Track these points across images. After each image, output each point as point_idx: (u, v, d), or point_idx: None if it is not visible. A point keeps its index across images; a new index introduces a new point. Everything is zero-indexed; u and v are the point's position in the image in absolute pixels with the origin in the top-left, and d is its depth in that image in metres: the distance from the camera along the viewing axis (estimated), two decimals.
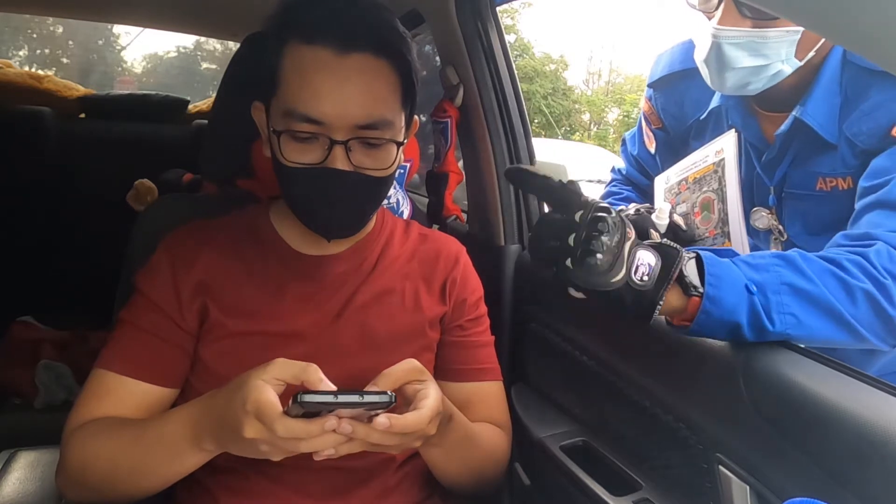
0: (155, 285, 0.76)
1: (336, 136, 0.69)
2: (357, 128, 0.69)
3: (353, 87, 0.68)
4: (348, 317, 0.79)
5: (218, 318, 0.75)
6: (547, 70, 20.13)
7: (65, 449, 0.70)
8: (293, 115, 0.68)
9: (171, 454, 0.65)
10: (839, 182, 0.89)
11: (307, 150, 0.70)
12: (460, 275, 0.87)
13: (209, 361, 0.75)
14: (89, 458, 0.68)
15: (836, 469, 0.59)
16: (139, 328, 0.74)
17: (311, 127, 0.68)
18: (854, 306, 0.70)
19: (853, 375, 0.64)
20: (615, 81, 26.07)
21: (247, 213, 0.85)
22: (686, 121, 1.08)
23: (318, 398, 0.54)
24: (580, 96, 23.29)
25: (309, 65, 0.68)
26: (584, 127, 23.51)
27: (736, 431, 0.70)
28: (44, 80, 2.20)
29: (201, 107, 2.50)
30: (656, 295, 0.65)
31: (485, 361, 0.88)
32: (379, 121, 0.70)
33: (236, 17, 1.84)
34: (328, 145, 0.69)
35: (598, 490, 0.82)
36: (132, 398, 0.72)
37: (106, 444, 0.68)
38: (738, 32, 0.83)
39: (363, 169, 0.71)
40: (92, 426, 0.70)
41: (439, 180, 1.31)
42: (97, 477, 0.68)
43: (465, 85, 1.21)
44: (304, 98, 0.68)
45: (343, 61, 0.68)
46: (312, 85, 0.68)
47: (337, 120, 0.68)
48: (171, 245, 0.79)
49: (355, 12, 0.70)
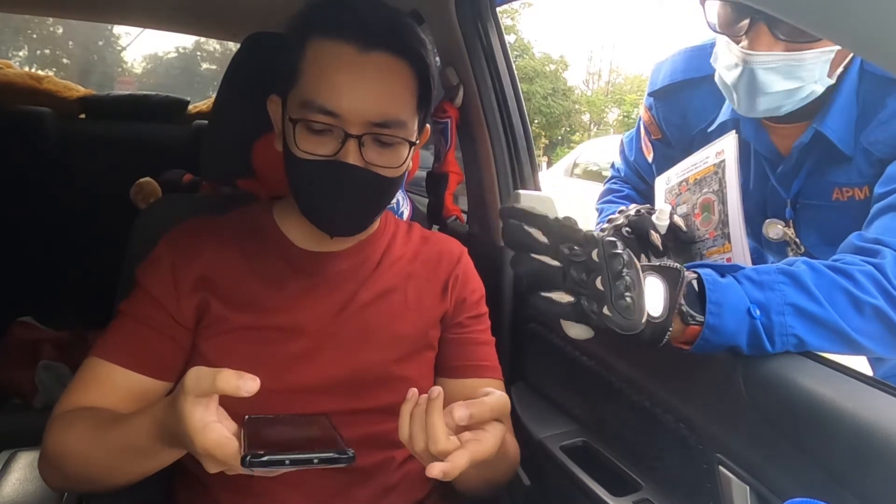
0: (154, 279, 0.76)
1: (350, 130, 0.70)
2: (371, 124, 0.71)
3: (370, 84, 0.70)
4: (350, 314, 0.80)
5: (219, 312, 0.76)
6: (547, 70, 20.14)
7: (46, 435, 0.70)
8: (311, 106, 0.70)
9: (141, 454, 0.64)
10: (855, 192, 0.88)
11: (321, 142, 0.71)
12: (462, 274, 0.88)
13: (210, 355, 0.76)
14: (66, 446, 0.68)
15: (836, 469, 0.59)
16: (136, 320, 0.75)
17: (327, 119, 0.70)
18: (863, 321, 0.68)
19: (853, 376, 0.65)
20: (615, 81, 26.06)
21: (250, 210, 0.86)
22: (690, 131, 1.06)
23: (267, 460, 0.51)
24: (580, 97, 23.29)
25: (330, 59, 0.70)
26: (584, 127, 23.52)
27: (736, 431, 0.70)
28: (44, 81, 2.20)
29: (201, 107, 2.50)
30: (668, 323, 0.64)
31: (484, 359, 0.88)
32: (393, 119, 0.72)
33: (236, 17, 1.84)
34: (342, 138, 0.70)
35: (598, 490, 0.83)
36: (122, 388, 0.72)
37: (81, 433, 0.67)
38: (773, 57, 0.80)
39: (374, 166, 0.72)
40: (71, 416, 0.70)
41: (439, 180, 1.31)
42: (72, 466, 0.68)
43: (465, 85, 1.21)
44: (323, 90, 0.70)
45: (364, 58, 0.70)
46: (332, 78, 0.70)
47: (352, 114, 0.69)
48: (172, 240, 0.80)
49: (379, 14, 0.73)
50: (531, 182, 1.20)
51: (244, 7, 1.68)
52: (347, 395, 0.78)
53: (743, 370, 0.69)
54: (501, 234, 0.66)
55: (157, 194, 1.89)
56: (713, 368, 0.73)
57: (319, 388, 0.77)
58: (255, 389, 0.52)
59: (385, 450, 0.79)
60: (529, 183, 1.20)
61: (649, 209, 0.92)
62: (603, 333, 0.65)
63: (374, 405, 0.79)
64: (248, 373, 0.55)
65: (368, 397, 0.79)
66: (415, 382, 0.81)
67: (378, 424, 0.79)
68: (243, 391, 0.51)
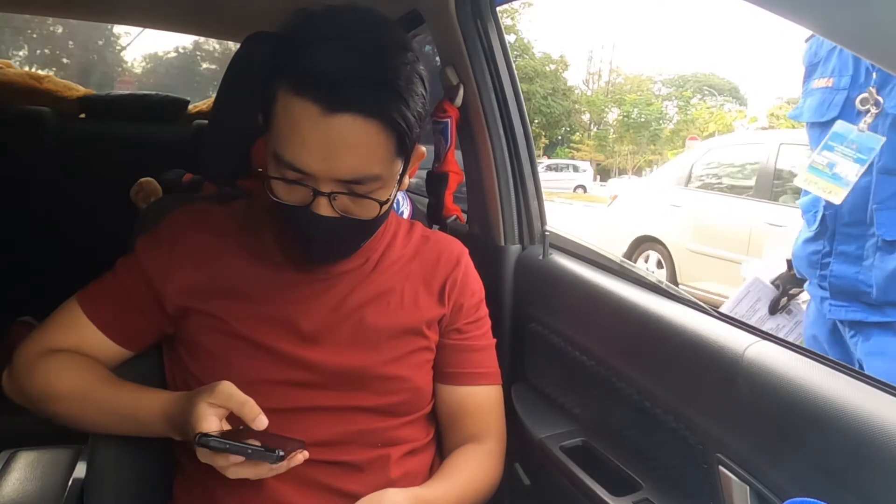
0: (151, 254, 0.80)
1: (320, 188, 0.69)
2: (342, 182, 0.69)
3: (338, 146, 0.66)
4: (346, 312, 0.80)
5: (214, 303, 0.77)
6: (547, 70, 20.14)
7: (28, 369, 0.77)
8: (280, 161, 0.69)
9: (142, 427, 0.75)
10: None
11: (295, 191, 0.70)
12: (460, 277, 0.87)
13: (207, 346, 0.77)
14: (55, 391, 0.75)
15: (836, 469, 0.59)
16: (123, 287, 0.80)
17: (297, 175, 0.69)
18: None
19: (853, 376, 0.65)
20: (615, 81, 26.03)
21: (254, 204, 0.86)
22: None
23: (213, 443, 0.64)
24: (580, 96, 23.26)
25: (297, 117, 0.66)
26: (584, 127, 23.49)
27: (736, 431, 0.70)
28: (44, 81, 2.20)
29: (201, 107, 2.50)
30: None
31: (481, 366, 0.88)
32: (365, 177, 0.69)
33: (236, 17, 1.84)
34: (312, 193, 0.69)
35: (598, 490, 0.83)
36: (90, 343, 0.79)
37: (76, 385, 0.75)
38: None
39: (349, 214, 0.71)
40: (63, 362, 0.76)
41: (439, 180, 1.31)
42: (57, 408, 0.76)
43: (465, 85, 1.21)
44: (292, 148, 0.67)
45: (329, 121, 0.65)
46: (299, 136, 0.66)
47: (321, 173, 0.68)
48: (176, 223, 0.82)
49: (350, 64, 0.65)
50: (531, 182, 1.20)
51: (244, 7, 1.68)
52: (342, 392, 0.78)
53: (743, 370, 0.69)
54: None
55: (158, 194, 1.88)
56: (713, 368, 0.73)
57: (314, 384, 0.77)
58: (263, 426, 0.66)
59: (380, 447, 0.80)
60: (529, 183, 1.20)
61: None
62: (602, 329, 0.65)
63: (370, 404, 0.79)
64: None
65: (363, 396, 0.79)
66: (410, 382, 0.82)
67: (373, 422, 0.79)
68: (255, 425, 0.66)
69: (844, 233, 1.32)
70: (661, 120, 30.79)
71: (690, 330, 0.78)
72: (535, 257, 1.13)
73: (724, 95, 35.39)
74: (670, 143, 29.52)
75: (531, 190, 1.19)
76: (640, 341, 0.86)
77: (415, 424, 0.84)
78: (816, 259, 1.38)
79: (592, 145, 32.04)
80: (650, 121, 29.24)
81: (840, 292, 1.34)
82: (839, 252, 1.33)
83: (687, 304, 0.86)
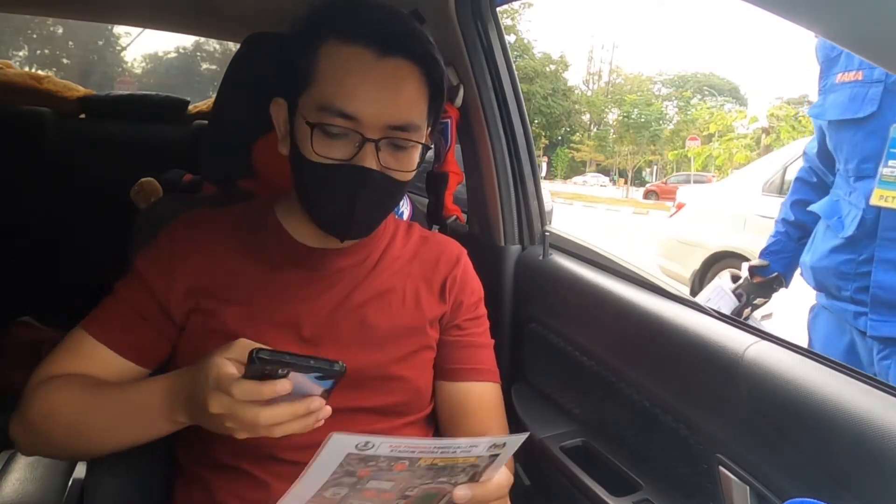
0: (151, 268, 0.78)
1: (368, 134, 0.70)
2: (389, 128, 0.71)
3: (389, 89, 0.71)
4: (347, 311, 0.80)
5: (215, 304, 0.77)
6: (547, 70, 20.15)
7: (30, 397, 0.72)
8: (329, 110, 0.70)
9: (142, 421, 0.68)
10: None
11: (336, 146, 0.71)
12: (460, 275, 0.88)
13: (208, 349, 0.76)
14: (56, 407, 0.70)
15: (836, 469, 0.59)
16: (128, 303, 0.77)
17: (346, 122, 0.70)
18: None
19: (853, 376, 0.65)
20: (615, 81, 26.03)
21: (252, 204, 0.86)
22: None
23: (267, 355, 0.56)
24: (580, 97, 23.27)
25: (348, 63, 0.70)
26: (584, 127, 23.49)
27: (736, 431, 0.70)
28: (44, 81, 2.20)
29: (201, 107, 2.49)
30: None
31: (481, 362, 0.88)
32: (409, 123, 0.72)
33: (236, 17, 1.84)
34: (359, 142, 0.70)
35: (598, 490, 0.83)
36: (103, 366, 0.75)
37: (78, 395, 0.70)
38: None
39: (388, 170, 0.73)
40: (63, 378, 0.72)
41: (439, 180, 1.31)
42: (61, 429, 0.70)
43: (465, 85, 1.21)
44: (342, 95, 0.70)
45: (382, 63, 0.70)
46: (350, 83, 0.70)
47: (371, 118, 0.70)
48: (174, 230, 0.81)
49: (394, 18, 0.74)
50: (531, 182, 1.20)
51: (244, 7, 1.68)
52: (344, 393, 0.78)
53: (743, 370, 0.69)
54: None
55: (159, 194, 1.88)
56: (713, 368, 0.73)
57: None
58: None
59: None
60: (529, 183, 1.20)
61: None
62: (602, 329, 0.65)
63: (372, 405, 0.79)
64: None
65: (365, 396, 0.79)
66: (412, 383, 0.82)
67: (376, 423, 0.79)
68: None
69: (889, 238, 1.21)
70: (661, 120, 30.81)
71: (690, 330, 0.78)
72: (535, 257, 1.13)
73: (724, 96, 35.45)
74: (670, 143, 29.55)
75: (531, 190, 1.20)
76: (640, 341, 0.86)
77: (415, 426, 0.84)
78: (851, 269, 1.26)
79: (592, 145, 32.06)
80: (650, 121, 29.27)
81: (882, 304, 1.22)
82: (882, 259, 1.22)
83: (687, 304, 0.86)
